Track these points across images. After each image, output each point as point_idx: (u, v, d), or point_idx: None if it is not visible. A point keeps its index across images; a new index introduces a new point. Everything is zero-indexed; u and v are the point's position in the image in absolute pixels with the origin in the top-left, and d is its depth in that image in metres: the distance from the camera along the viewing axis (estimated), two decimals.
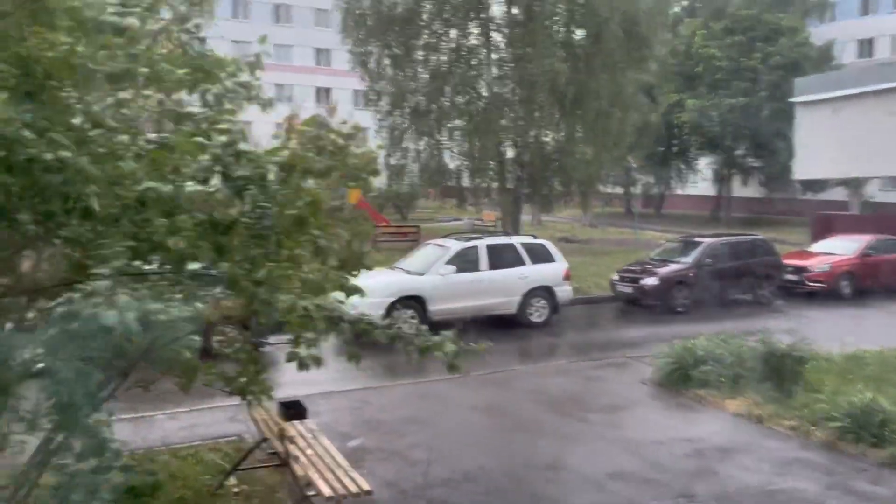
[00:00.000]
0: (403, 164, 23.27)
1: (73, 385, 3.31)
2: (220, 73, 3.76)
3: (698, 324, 13.49)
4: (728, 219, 39.71)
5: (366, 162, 3.90)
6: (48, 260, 3.56)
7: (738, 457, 7.19)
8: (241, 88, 3.84)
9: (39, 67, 3.31)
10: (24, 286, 3.53)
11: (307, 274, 4.08)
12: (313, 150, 3.87)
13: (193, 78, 3.67)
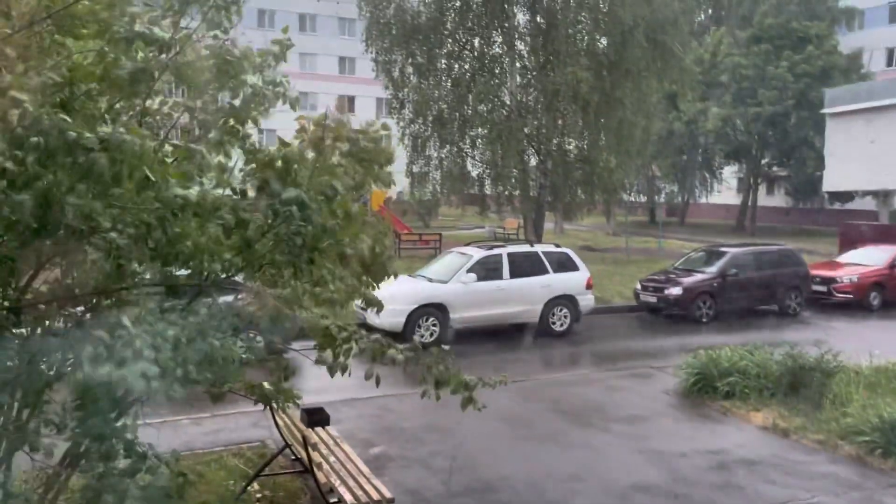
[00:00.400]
0: (426, 172, 23.35)
1: (100, 389, 3.36)
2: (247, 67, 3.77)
3: (722, 334, 13.35)
4: (753, 228, 39.29)
5: (381, 153, 3.89)
6: (79, 268, 3.61)
7: (763, 470, 7.09)
8: (269, 86, 3.85)
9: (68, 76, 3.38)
10: (55, 293, 3.59)
11: (332, 293, 4.10)
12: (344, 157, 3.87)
13: (219, 76, 3.68)
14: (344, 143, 3.79)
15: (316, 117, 3.95)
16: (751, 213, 40.57)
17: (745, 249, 17.22)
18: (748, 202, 41.35)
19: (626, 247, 28.37)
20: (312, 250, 3.60)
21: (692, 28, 30.96)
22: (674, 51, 21.89)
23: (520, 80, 22.37)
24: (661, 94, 24.11)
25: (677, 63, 22.63)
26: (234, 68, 3.75)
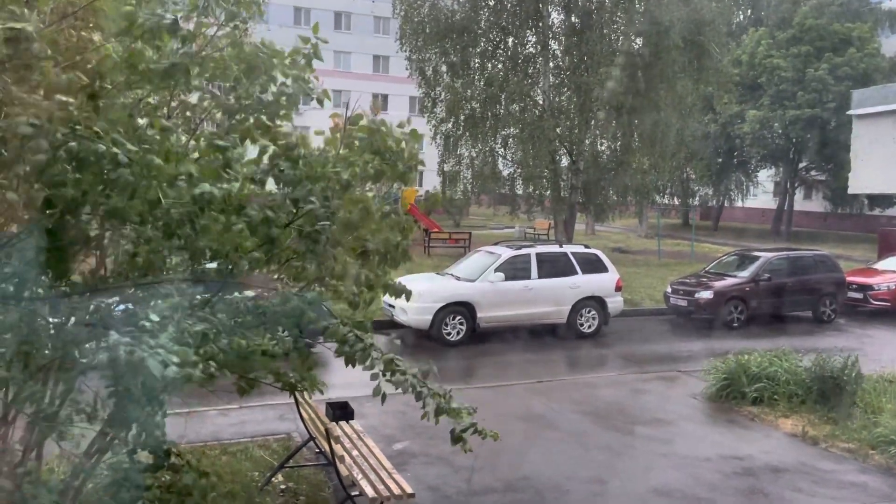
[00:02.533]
0: (457, 171, 23.40)
1: (130, 379, 3.45)
2: (276, 63, 3.82)
3: (753, 340, 13.16)
4: (789, 233, 38.62)
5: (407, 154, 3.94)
6: (111, 259, 3.71)
7: (790, 478, 7.00)
8: (297, 84, 3.89)
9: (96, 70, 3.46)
10: (89, 283, 3.69)
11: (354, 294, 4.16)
12: (368, 152, 3.92)
13: (249, 72, 3.74)
14: (364, 136, 3.85)
15: (352, 116, 4.01)
16: (787, 218, 39.86)
17: (778, 254, 16.93)
18: (784, 206, 40.64)
19: (657, 249, 28.11)
20: (335, 245, 3.66)
21: (730, 29, 30.59)
22: (710, 52, 21.65)
23: (553, 80, 22.30)
24: (696, 95, 23.83)
25: (714, 64, 22.39)
26: (266, 65, 3.82)
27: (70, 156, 2.91)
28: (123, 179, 3.01)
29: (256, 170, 3.79)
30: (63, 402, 3.58)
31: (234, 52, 3.63)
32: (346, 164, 3.81)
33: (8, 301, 3.26)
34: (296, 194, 3.61)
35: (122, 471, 3.63)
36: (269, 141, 3.80)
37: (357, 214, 3.88)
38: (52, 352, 3.44)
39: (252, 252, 3.72)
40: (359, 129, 3.84)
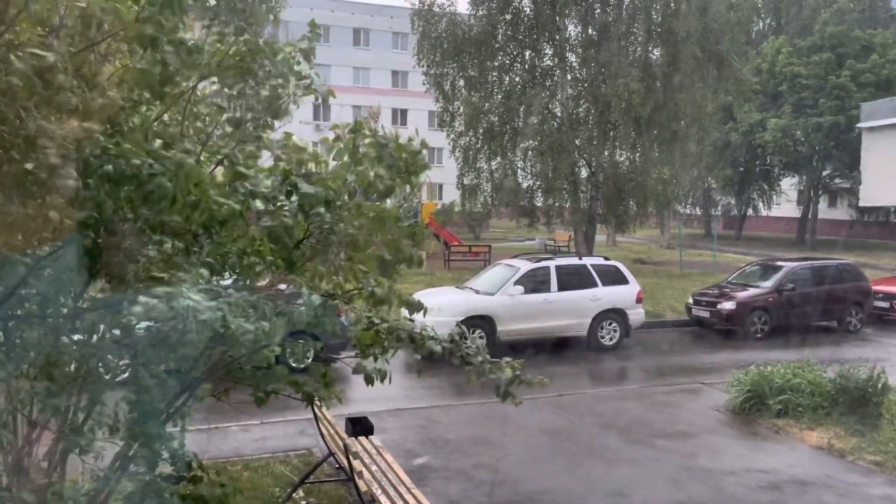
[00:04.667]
0: (477, 184, 23.44)
1: (152, 393, 3.51)
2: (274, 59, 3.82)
3: (777, 351, 13.01)
4: (813, 242, 38.13)
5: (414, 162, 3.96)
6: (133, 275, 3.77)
7: (816, 491, 6.89)
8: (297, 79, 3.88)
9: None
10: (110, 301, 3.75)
11: (373, 288, 4.17)
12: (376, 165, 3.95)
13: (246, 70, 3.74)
14: (373, 150, 3.88)
15: (352, 125, 4.04)
16: (811, 227, 39.38)
17: (802, 264, 16.74)
18: (808, 215, 40.17)
19: (679, 260, 27.90)
20: (349, 258, 3.69)
21: (749, 38, 30.42)
22: (729, 61, 21.54)
23: (571, 92, 22.30)
24: (716, 104, 23.68)
25: (733, 73, 22.27)
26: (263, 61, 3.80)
27: (105, 177, 2.97)
28: (162, 187, 3.05)
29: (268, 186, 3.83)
30: (88, 416, 3.64)
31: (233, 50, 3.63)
32: (355, 173, 3.84)
33: (34, 318, 3.33)
34: (304, 201, 3.63)
35: (143, 483, 3.67)
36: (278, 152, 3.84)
37: (370, 223, 3.90)
38: (76, 367, 3.50)
39: (270, 260, 3.76)
40: (369, 145, 3.88)
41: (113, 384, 3.63)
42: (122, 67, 3.19)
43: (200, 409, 4.50)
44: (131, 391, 3.53)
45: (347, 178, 3.78)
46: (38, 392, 3.37)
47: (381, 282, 4.19)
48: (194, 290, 3.08)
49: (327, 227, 3.54)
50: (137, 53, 3.20)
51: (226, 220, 3.45)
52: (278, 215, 3.64)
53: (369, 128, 3.94)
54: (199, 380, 3.89)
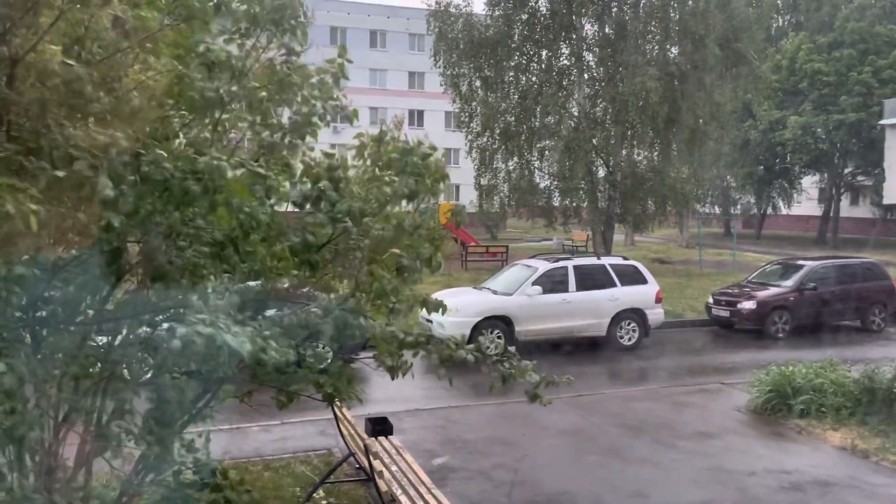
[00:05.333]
0: (494, 185, 23.43)
1: (173, 397, 3.55)
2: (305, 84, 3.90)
3: (798, 350, 12.88)
4: (836, 241, 37.69)
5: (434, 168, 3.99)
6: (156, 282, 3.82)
7: (840, 492, 6.82)
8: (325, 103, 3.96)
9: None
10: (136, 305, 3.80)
11: (394, 303, 4.21)
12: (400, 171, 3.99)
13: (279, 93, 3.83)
14: (397, 156, 3.91)
15: (377, 133, 4.08)
16: (833, 225, 38.94)
17: (824, 262, 16.56)
18: (830, 213, 39.73)
19: (698, 259, 27.70)
20: (370, 262, 3.72)
21: (768, 35, 30.14)
22: (748, 58, 21.36)
23: (588, 92, 22.24)
24: (735, 102, 23.48)
25: (752, 71, 22.09)
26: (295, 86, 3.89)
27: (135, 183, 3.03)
28: (192, 193, 3.11)
29: (294, 191, 3.88)
30: (113, 418, 3.68)
31: (267, 76, 3.73)
32: (381, 183, 3.88)
33: (60, 323, 3.38)
34: (333, 213, 3.68)
35: (167, 489, 3.72)
36: (304, 166, 3.89)
37: (391, 231, 3.94)
38: (102, 369, 3.55)
39: (293, 273, 3.81)
40: (392, 149, 3.90)
41: (137, 386, 3.67)
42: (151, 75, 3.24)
43: (222, 409, 4.55)
44: (154, 393, 3.57)
45: (373, 186, 3.82)
46: (64, 394, 3.42)
47: (401, 289, 4.20)
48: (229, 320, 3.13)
49: (353, 237, 3.57)
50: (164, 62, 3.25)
51: (253, 231, 3.49)
52: (303, 232, 3.68)
53: (393, 135, 3.98)
54: (222, 381, 3.93)
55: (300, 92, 3.73)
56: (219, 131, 3.85)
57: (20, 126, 2.77)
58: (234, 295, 3.63)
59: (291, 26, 3.77)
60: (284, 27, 3.75)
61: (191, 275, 3.61)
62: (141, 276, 3.64)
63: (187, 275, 3.65)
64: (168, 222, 3.27)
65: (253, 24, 3.66)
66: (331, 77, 3.92)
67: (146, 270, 3.46)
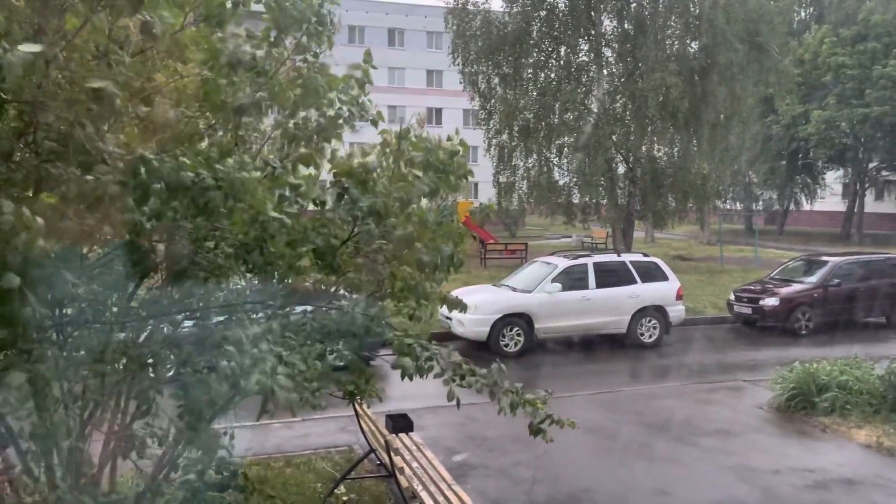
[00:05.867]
0: (512, 182, 23.38)
1: (201, 395, 3.59)
2: (331, 92, 3.97)
3: (822, 347, 12.75)
4: (860, 236, 37.17)
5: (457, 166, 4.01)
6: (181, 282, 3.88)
7: (865, 490, 6.74)
8: (352, 106, 4.03)
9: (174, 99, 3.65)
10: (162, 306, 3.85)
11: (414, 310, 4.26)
12: (423, 169, 4.01)
13: (306, 96, 3.89)
14: (420, 154, 3.93)
15: (399, 132, 4.11)
16: (857, 221, 38.41)
17: (848, 258, 16.35)
18: (854, 209, 39.18)
19: (720, 256, 27.46)
20: (392, 260, 3.74)
21: (790, 28, 29.75)
22: (770, 52, 21.12)
23: (607, 88, 22.11)
24: (757, 97, 23.23)
25: (774, 65, 21.83)
26: (322, 90, 3.95)
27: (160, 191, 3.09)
28: (214, 202, 3.16)
29: (319, 190, 3.93)
30: (138, 417, 3.74)
31: (295, 80, 3.78)
32: (403, 181, 3.90)
33: (87, 322, 3.44)
34: (356, 212, 3.71)
35: (191, 487, 3.76)
36: (329, 164, 3.93)
37: (413, 229, 3.97)
38: (127, 367, 3.60)
39: (317, 275, 3.85)
40: (413, 146, 3.92)
41: (161, 383, 3.73)
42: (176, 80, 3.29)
43: (243, 406, 4.59)
44: (180, 390, 3.62)
45: (395, 185, 3.85)
46: (90, 391, 3.47)
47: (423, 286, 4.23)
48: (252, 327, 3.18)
49: (375, 235, 3.60)
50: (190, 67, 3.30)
51: (277, 233, 3.54)
52: (326, 234, 3.73)
53: (416, 133, 4.01)
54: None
55: (327, 95, 3.78)
56: (241, 135, 3.90)
57: (48, 129, 2.82)
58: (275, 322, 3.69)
59: (318, 31, 3.82)
60: (310, 32, 3.79)
61: (215, 275, 3.66)
62: (165, 275, 3.69)
63: (211, 274, 3.70)
64: (193, 224, 3.31)
65: (282, 30, 3.71)
66: (356, 82, 3.96)
67: (170, 269, 3.51)
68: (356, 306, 3.70)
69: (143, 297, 3.83)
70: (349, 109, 4.00)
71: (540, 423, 4.30)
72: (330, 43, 3.96)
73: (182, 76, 3.71)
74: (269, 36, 3.80)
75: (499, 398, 4.27)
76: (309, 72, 3.89)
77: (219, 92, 3.57)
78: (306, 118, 3.97)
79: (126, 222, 2.91)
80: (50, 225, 2.85)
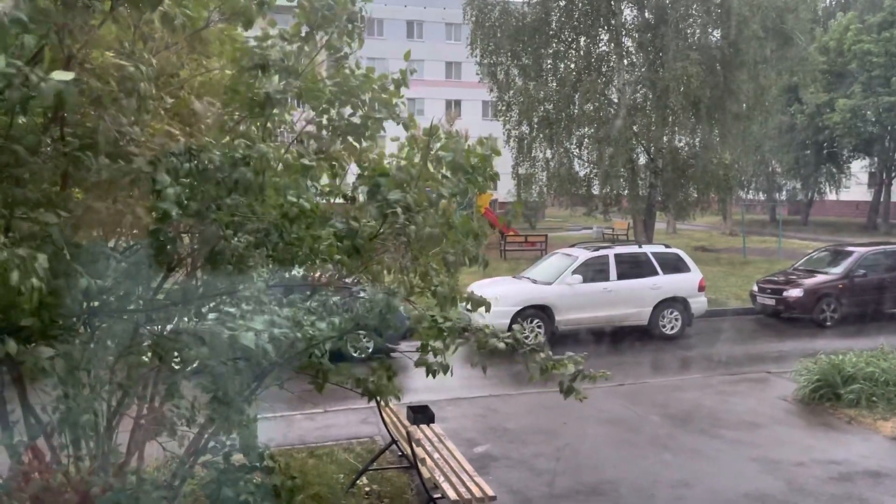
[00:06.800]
0: (532, 173, 23.28)
1: (228, 382, 3.64)
2: (368, 90, 3.99)
3: (847, 339, 12.58)
4: (888, 226, 36.60)
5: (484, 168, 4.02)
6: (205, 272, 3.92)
7: (891, 483, 6.66)
8: (384, 108, 4.06)
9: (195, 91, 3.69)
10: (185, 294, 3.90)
11: (437, 287, 4.26)
12: (448, 168, 4.03)
13: (340, 95, 3.92)
14: (449, 155, 3.94)
15: (426, 129, 4.12)
16: (883, 210, 37.81)
17: (874, 249, 16.10)
18: (881, 198, 38.55)
19: (742, 247, 27.18)
20: (416, 258, 3.76)
21: (815, 15, 29.29)
22: (794, 40, 20.81)
23: (627, 78, 21.90)
24: (780, 86, 22.89)
25: (798, 53, 21.52)
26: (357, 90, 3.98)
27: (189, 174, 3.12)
28: (245, 177, 3.19)
29: (348, 185, 3.97)
30: (166, 400, 3.80)
31: (330, 80, 3.81)
32: (432, 180, 3.93)
33: (114, 311, 3.49)
34: (384, 206, 3.73)
35: (218, 471, 3.81)
36: (356, 162, 3.97)
37: (441, 228, 3.98)
38: (153, 355, 3.66)
39: (337, 258, 3.88)
40: (443, 147, 3.93)
41: (188, 371, 3.78)
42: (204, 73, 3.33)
43: (265, 397, 4.64)
44: (207, 379, 3.67)
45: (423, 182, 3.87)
46: (118, 380, 3.53)
47: (444, 281, 4.25)
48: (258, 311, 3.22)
49: (399, 228, 3.63)
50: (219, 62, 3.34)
51: (297, 218, 3.56)
52: (347, 218, 3.76)
53: (445, 130, 4.02)
54: (271, 368, 4.01)
55: (362, 96, 3.82)
56: (269, 128, 3.94)
57: (77, 122, 2.86)
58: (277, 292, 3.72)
59: (348, 30, 3.83)
60: (341, 30, 3.81)
61: (238, 263, 3.71)
62: (190, 266, 3.73)
63: (234, 263, 3.74)
64: (216, 213, 3.35)
65: (313, 28, 3.73)
66: (392, 83, 3.99)
67: (196, 260, 3.55)
68: (377, 295, 3.72)
69: (170, 288, 3.87)
70: (383, 109, 4.03)
71: (572, 380, 4.22)
72: (360, 41, 3.98)
73: (208, 70, 3.75)
74: (300, 31, 3.82)
75: (526, 362, 4.21)
76: (343, 70, 3.91)
77: (248, 88, 3.60)
78: (340, 114, 4.00)
79: (154, 211, 2.94)
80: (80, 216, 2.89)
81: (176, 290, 3.60)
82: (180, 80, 3.59)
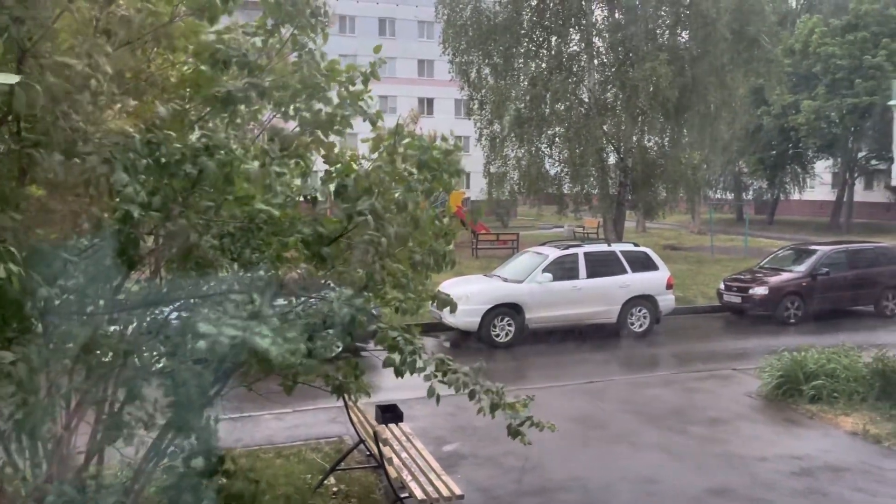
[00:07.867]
0: (504, 172, 23.33)
1: (189, 385, 3.59)
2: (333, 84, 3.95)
3: (811, 336, 12.83)
4: (850, 225, 37.37)
5: (450, 164, 4.02)
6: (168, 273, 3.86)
7: (851, 477, 6.80)
8: (353, 105, 4.01)
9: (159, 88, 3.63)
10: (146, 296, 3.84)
11: (401, 302, 4.27)
12: (414, 166, 4.01)
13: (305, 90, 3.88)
14: (415, 153, 3.92)
15: (391, 127, 4.10)
16: (847, 210, 38.59)
17: (837, 247, 16.44)
18: (843, 198, 39.35)
19: (710, 245, 27.57)
20: (384, 257, 3.74)
21: (781, 18, 29.75)
22: (760, 42, 21.12)
23: (598, 78, 22.05)
24: (747, 87, 23.22)
25: (764, 55, 21.82)
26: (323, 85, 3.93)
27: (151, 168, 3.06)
28: (207, 168, 3.14)
29: (308, 185, 3.93)
30: (126, 403, 3.73)
31: (295, 75, 3.76)
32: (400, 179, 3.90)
33: (73, 313, 3.42)
34: (351, 209, 3.70)
35: (177, 476, 3.76)
36: (322, 157, 3.93)
37: (408, 227, 3.97)
38: (113, 357, 3.60)
39: (303, 266, 3.85)
40: (409, 145, 3.92)
41: (148, 374, 3.72)
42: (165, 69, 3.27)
43: (233, 397, 4.59)
44: (167, 381, 3.62)
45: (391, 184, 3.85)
46: (76, 382, 3.46)
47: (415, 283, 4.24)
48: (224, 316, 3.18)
49: (369, 239, 3.60)
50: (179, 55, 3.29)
51: (265, 223, 3.53)
52: (314, 225, 3.73)
53: (409, 129, 4.01)
54: (233, 370, 3.96)
55: (328, 91, 3.78)
56: (236, 124, 3.88)
57: (30, 118, 2.79)
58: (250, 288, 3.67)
59: (311, 24, 3.79)
60: (303, 25, 3.77)
61: (202, 266, 3.65)
62: (153, 267, 3.67)
63: (199, 265, 3.69)
64: (185, 212, 3.30)
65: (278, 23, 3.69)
66: (360, 75, 3.96)
67: (159, 259, 3.49)
68: (341, 297, 3.69)
69: (131, 288, 3.81)
70: (350, 106, 3.99)
71: (519, 424, 4.32)
72: (325, 36, 3.94)
73: (173, 64, 3.69)
74: (265, 25, 3.77)
75: (479, 397, 4.28)
76: (307, 66, 3.86)
77: (209, 84, 3.55)
78: (308, 105, 3.95)
79: (114, 211, 2.89)
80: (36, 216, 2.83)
81: (137, 292, 3.54)
82: (145, 75, 3.53)
